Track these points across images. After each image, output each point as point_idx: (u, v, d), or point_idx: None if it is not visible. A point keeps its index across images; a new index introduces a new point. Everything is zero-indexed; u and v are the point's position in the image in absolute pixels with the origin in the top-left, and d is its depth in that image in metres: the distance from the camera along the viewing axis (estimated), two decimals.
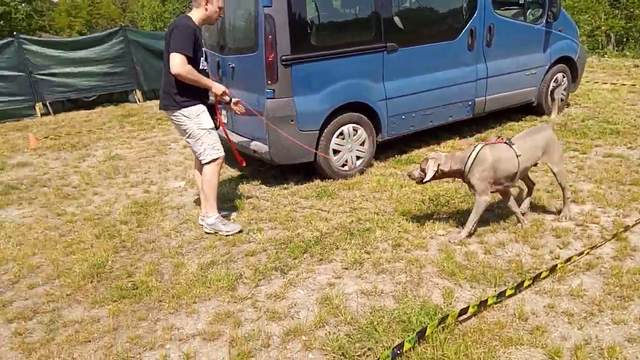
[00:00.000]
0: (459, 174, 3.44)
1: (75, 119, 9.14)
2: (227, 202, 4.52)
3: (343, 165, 4.97)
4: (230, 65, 4.93)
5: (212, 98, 3.94)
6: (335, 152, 4.88)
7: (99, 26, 49.64)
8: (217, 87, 3.76)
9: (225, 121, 5.39)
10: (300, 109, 4.53)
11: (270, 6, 4.22)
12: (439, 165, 3.44)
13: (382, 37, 4.85)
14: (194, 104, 3.73)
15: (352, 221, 3.90)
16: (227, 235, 3.84)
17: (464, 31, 5.44)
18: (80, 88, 9.93)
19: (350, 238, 3.60)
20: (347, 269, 3.22)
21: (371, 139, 5.07)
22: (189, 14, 3.73)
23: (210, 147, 3.81)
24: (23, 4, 35.60)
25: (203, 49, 3.78)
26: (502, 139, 3.55)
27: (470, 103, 5.76)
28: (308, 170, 4.97)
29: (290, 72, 4.42)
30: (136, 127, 7.91)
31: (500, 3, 5.87)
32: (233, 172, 5.37)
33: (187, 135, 3.85)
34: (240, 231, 3.87)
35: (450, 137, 5.91)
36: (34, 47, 9.45)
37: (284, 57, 4.34)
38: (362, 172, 5.04)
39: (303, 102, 4.54)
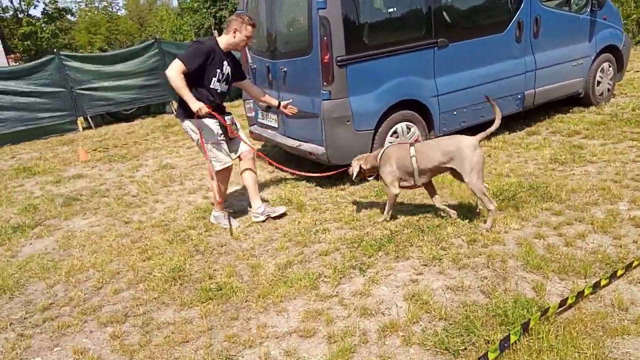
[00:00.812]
0: (375, 169, 3.92)
1: (118, 131, 9.35)
2: (287, 203, 4.58)
3: None
4: (282, 70, 5.00)
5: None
6: None
7: (118, 42, 50.76)
8: (194, 105, 3.76)
9: (277, 125, 5.47)
10: (355, 109, 4.57)
11: (325, 8, 4.27)
12: (360, 165, 3.92)
13: (433, 33, 4.86)
14: (193, 117, 3.88)
15: (419, 218, 3.91)
16: (225, 228, 4.21)
17: (511, 24, 5.41)
18: (119, 101, 10.16)
19: (422, 235, 3.60)
20: (426, 265, 3.22)
21: (424, 136, 5.07)
22: (218, 38, 4.04)
23: (214, 159, 4.08)
24: (48, 24, 36.61)
25: (218, 70, 3.93)
26: (414, 140, 4.15)
27: (519, 96, 5.71)
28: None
29: (346, 73, 4.46)
30: (180, 137, 8.05)
31: None
32: (287, 175, 5.42)
33: (195, 143, 4.16)
34: (239, 226, 4.24)
35: (500, 132, 5.86)
36: (74, 63, 9.73)
37: (339, 58, 4.39)
38: None
39: (358, 101, 4.57)
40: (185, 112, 3.91)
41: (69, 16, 41.32)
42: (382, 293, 2.97)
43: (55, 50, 10.00)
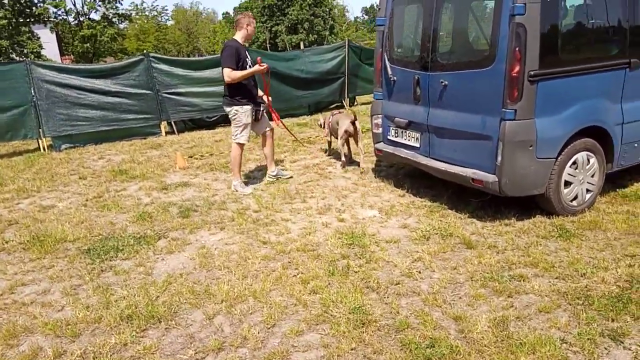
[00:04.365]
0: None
1: (203, 138, 8.96)
2: (447, 236, 3.96)
3: (572, 200, 4.29)
4: (442, 83, 4.40)
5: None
6: (567, 184, 4.22)
7: (164, 50, 51.86)
8: (257, 69, 5.17)
9: (418, 145, 4.88)
10: (540, 133, 3.92)
11: (523, 14, 3.67)
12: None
13: (627, 52, 4.20)
14: (241, 104, 5.24)
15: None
16: (244, 195, 5.34)
17: None
18: (204, 108, 9.80)
19: None
20: None
21: (601, 169, 4.37)
22: (235, 37, 5.26)
23: (244, 135, 5.37)
24: (108, 27, 37.61)
25: (247, 60, 5.20)
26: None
27: None
28: (511, 202, 4.33)
29: (536, 90, 3.83)
30: (277, 150, 7.55)
31: None
32: (425, 200, 4.80)
33: (232, 120, 5.35)
34: (250, 193, 5.36)
35: None
36: (163, 66, 9.44)
37: (531, 72, 3.76)
38: (587, 208, 4.35)
39: (544, 124, 3.93)
40: (232, 100, 5.24)
41: (127, 22, 42.60)
42: None
43: (145, 51, 9.74)
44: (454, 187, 5.00)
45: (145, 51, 9.84)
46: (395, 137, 5.22)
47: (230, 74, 5.03)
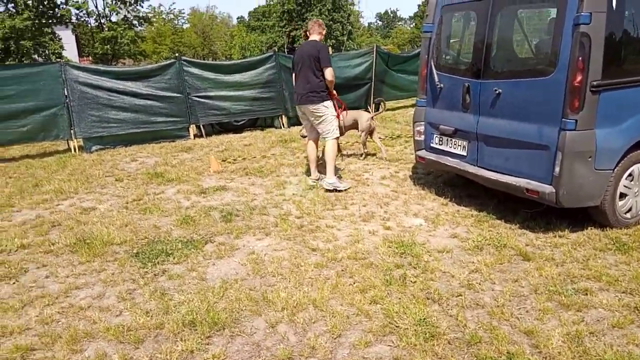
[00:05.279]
0: None
1: (232, 142, 8.95)
2: (499, 247, 3.88)
3: (626, 212, 4.19)
4: (496, 91, 4.33)
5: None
6: (622, 195, 4.13)
7: (180, 53, 52.30)
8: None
9: (465, 153, 4.81)
10: (600, 144, 3.84)
11: (589, 23, 3.60)
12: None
13: None
14: (329, 99, 5.55)
15: None
16: (344, 190, 5.51)
17: None
18: (232, 112, 9.82)
19: None
20: None
21: None
22: (316, 39, 5.55)
23: (335, 128, 5.60)
24: (128, 30, 37.99)
25: None
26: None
27: None
28: (562, 213, 4.26)
29: (597, 100, 3.75)
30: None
31: None
32: (476, 213, 4.71)
33: (320, 120, 5.52)
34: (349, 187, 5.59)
35: None
36: (194, 69, 9.48)
37: (594, 82, 3.69)
38: None
39: (604, 135, 3.85)
40: (322, 95, 5.46)
41: (146, 24, 43.02)
42: None
43: (177, 55, 9.81)
44: (499, 197, 4.92)
45: (177, 54, 9.85)
46: (440, 144, 5.16)
47: (333, 73, 5.41)
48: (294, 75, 5.72)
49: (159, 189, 5.99)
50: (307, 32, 5.69)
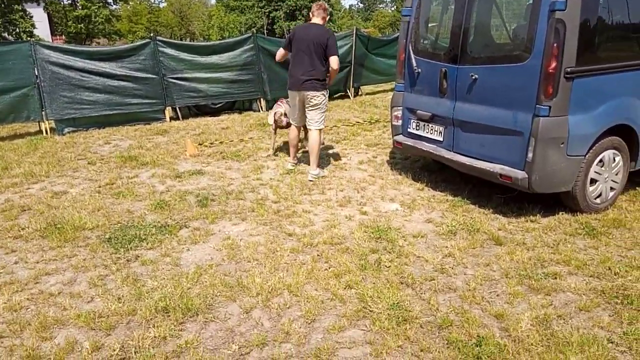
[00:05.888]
0: None
1: (209, 125, 8.81)
2: (473, 232, 3.95)
3: (596, 198, 4.29)
4: (472, 76, 4.34)
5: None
6: (592, 181, 4.22)
7: (156, 33, 51.07)
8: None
9: (441, 139, 4.84)
10: (572, 130, 3.90)
11: (564, 10, 3.62)
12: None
13: None
14: (326, 89, 5.47)
15: None
16: (323, 177, 5.50)
17: None
18: (209, 94, 9.63)
19: None
20: None
21: (625, 167, 4.37)
22: (317, 22, 5.38)
23: (324, 118, 5.59)
24: (102, 8, 36.87)
25: None
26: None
27: None
28: (534, 198, 4.33)
29: (571, 87, 3.80)
30: (286, 138, 7.45)
31: None
32: (447, 195, 4.77)
33: (316, 107, 5.41)
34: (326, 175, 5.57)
35: None
36: (169, 50, 9.24)
37: (568, 69, 3.72)
38: (610, 206, 4.37)
39: (576, 122, 3.91)
40: (324, 84, 5.38)
41: (121, 3, 41.69)
42: None
43: (152, 35, 9.53)
44: (473, 182, 4.98)
45: (153, 34, 9.57)
46: (417, 130, 5.17)
47: (339, 61, 5.29)
48: (285, 53, 5.61)
49: (133, 173, 5.88)
50: (310, 14, 5.52)
